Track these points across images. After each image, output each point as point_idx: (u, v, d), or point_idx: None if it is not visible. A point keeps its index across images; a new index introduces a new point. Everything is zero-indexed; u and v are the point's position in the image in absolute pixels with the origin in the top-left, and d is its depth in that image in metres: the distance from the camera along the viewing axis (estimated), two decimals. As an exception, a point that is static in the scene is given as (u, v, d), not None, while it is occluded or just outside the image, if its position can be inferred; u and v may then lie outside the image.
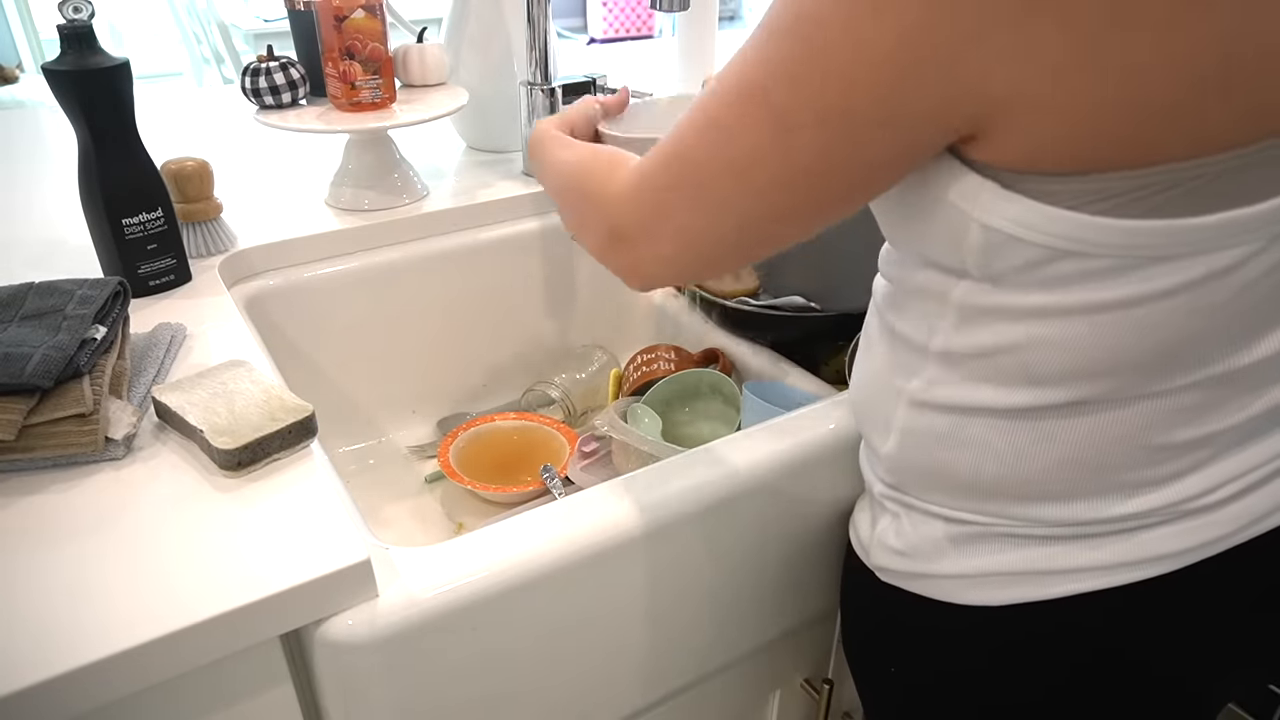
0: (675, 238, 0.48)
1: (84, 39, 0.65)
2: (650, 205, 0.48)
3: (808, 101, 0.40)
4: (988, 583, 0.51)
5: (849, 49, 0.38)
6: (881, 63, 0.37)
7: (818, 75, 0.39)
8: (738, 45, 0.44)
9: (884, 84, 0.38)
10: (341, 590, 0.48)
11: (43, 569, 0.47)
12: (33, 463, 0.54)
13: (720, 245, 0.47)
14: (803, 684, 0.81)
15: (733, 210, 0.45)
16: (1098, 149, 0.38)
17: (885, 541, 0.56)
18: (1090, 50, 0.35)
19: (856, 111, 0.39)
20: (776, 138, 0.41)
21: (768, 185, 0.43)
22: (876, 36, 0.37)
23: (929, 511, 0.53)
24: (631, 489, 0.59)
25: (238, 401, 0.58)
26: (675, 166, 0.47)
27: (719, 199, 0.45)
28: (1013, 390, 0.46)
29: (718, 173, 0.44)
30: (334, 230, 0.87)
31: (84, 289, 0.62)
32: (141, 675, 0.44)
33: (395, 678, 0.51)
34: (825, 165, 0.42)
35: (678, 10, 0.91)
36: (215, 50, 3.41)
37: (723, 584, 0.65)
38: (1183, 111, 0.36)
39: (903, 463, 0.53)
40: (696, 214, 0.46)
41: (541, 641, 0.57)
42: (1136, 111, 0.36)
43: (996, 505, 0.50)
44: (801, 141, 0.41)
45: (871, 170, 0.42)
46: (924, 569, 0.54)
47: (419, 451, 0.91)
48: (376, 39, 0.83)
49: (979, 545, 0.51)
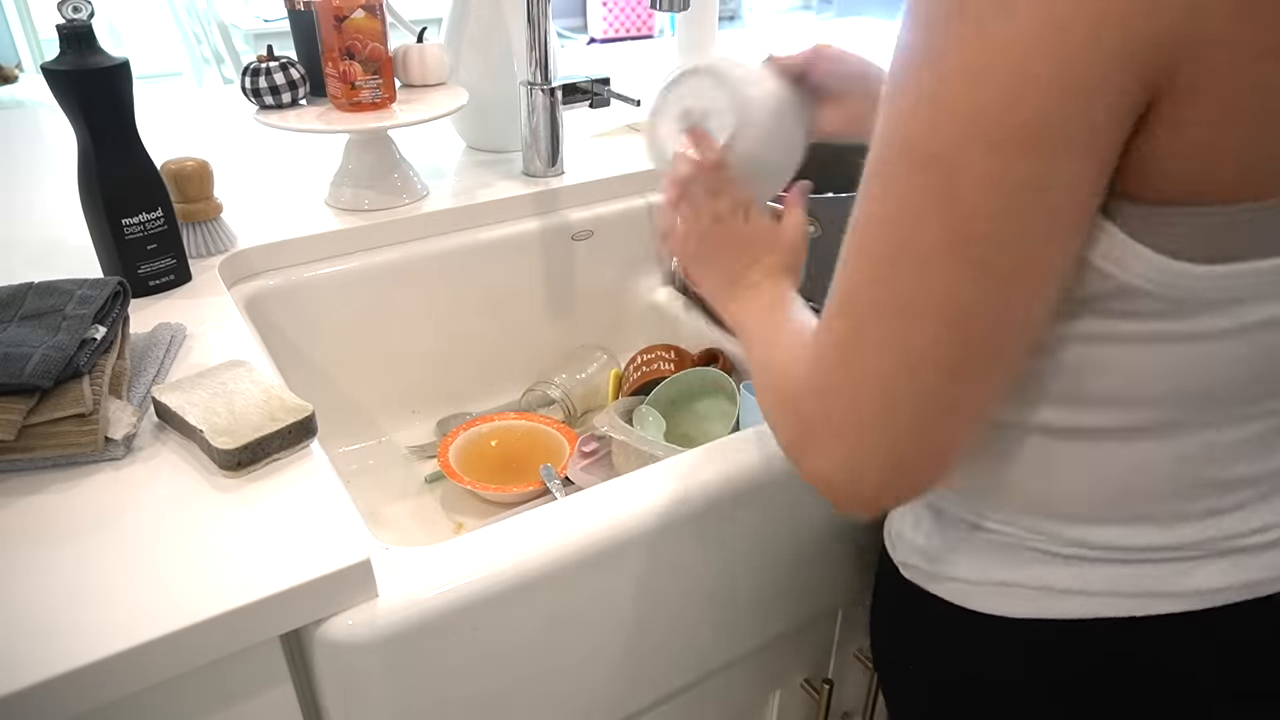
0: (866, 405, 0.39)
1: (84, 39, 0.65)
2: (832, 373, 0.40)
3: (956, 129, 0.34)
4: (1007, 593, 0.50)
5: (983, 56, 0.33)
6: (1027, 62, 0.33)
7: (958, 98, 0.34)
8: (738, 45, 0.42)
9: (1038, 86, 0.33)
10: (341, 590, 0.48)
11: (43, 569, 0.47)
12: (33, 463, 0.54)
13: (927, 392, 0.38)
14: (803, 684, 0.81)
15: (923, 320, 0.37)
16: (1234, 173, 0.35)
17: (910, 538, 0.55)
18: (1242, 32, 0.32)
19: (1020, 128, 0.34)
20: (940, 189, 0.35)
21: (950, 263, 0.36)
22: (1009, 37, 0.33)
23: (957, 516, 0.52)
24: (631, 489, 0.59)
25: (238, 401, 0.58)
26: (843, 310, 0.40)
27: (901, 312, 0.37)
28: (1061, 410, 0.45)
29: (890, 276, 0.37)
30: (334, 230, 0.87)
31: (84, 289, 0.62)
32: (141, 675, 0.44)
33: (395, 678, 0.51)
34: (1000, 203, 0.35)
35: (678, 10, 0.91)
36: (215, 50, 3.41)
37: (722, 584, 0.65)
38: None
39: None
40: (881, 350, 0.38)
41: (541, 641, 0.57)
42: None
43: (1029, 520, 0.48)
44: (965, 182, 0.35)
45: (1061, 202, 0.36)
46: (943, 571, 0.53)
47: (419, 451, 0.91)
48: (376, 39, 0.83)
49: (1002, 555, 0.50)
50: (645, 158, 0.59)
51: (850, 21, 1.98)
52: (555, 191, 0.97)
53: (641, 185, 1.02)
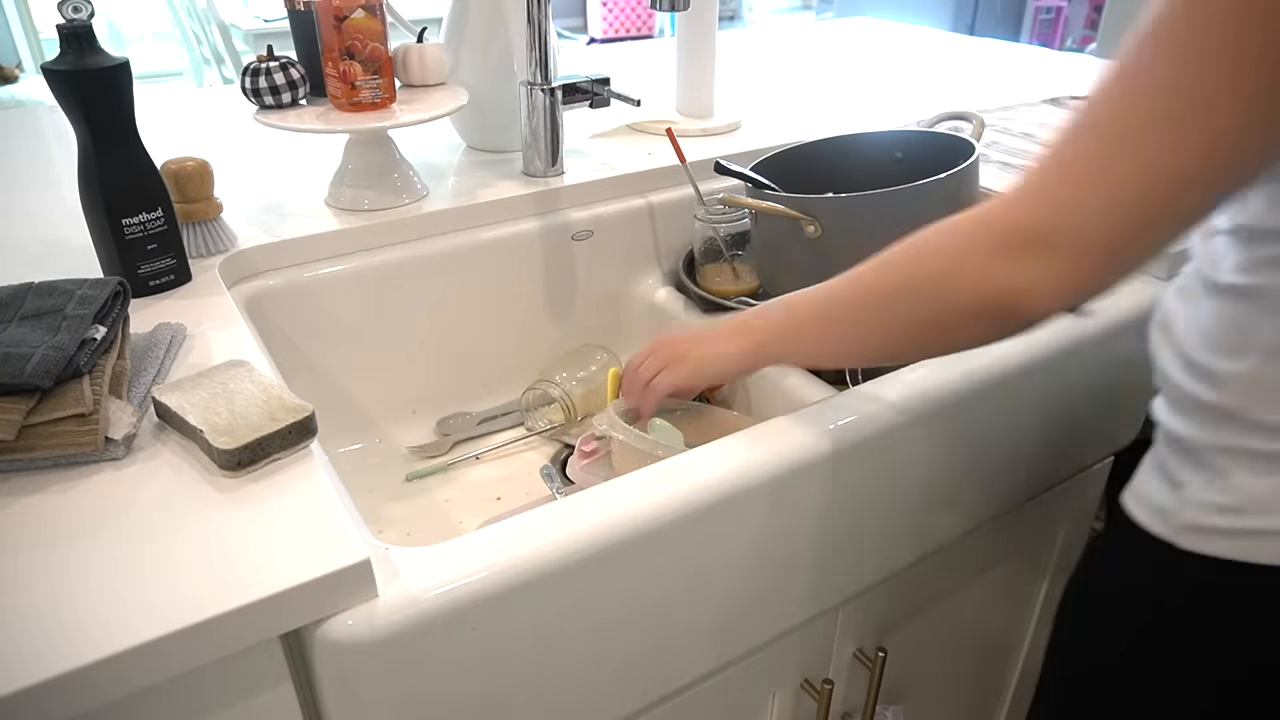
0: (1114, 204, 0.38)
1: (84, 39, 0.65)
2: (1068, 180, 0.39)
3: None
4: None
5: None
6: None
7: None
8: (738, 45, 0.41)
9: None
10: (341, 590, 0.48)
11: (43, 569, 0.47)
12: (33, 463, 0.54)
13: (1173, 193, 0.38)
14: (803, 684, 0.81)
15: (1184, 126, 0.37)
16: None
17: (1205, 499, 0.48)
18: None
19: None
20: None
21: (1244, 71, 0.35)
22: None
23: (1272, 455, 0.45)
24: (631, 489, 0.59)
25: (238, 401, 0.58)
26: (1098, 109, 0.39)
27: (1169, 115, 0.37)
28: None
29: (1175, 74, 0.36)
30: (334, 230, 0.87)
31: (84, 289, 0.62)
32: (141, 675, 0.44)
33: (395, 678, 0.51)
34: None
35: (678, 10, 0.91)
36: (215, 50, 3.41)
37: (722, 584, 0.65)
38: None
39: (1264, 381, 0.46)
40: (1143, 156, 0.38)
41: (541, 641, 0.57)
42: None
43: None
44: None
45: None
46: (1265, 524, 0.46)
47: (419, 451, 0.91)
48: (376, 39, 0.83)
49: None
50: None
51: (850, 21, 1.98)
52: (555, 191, 0.97)
53: (641, 185, 1.02)
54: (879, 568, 0.77)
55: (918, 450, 0.71)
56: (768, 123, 1.21)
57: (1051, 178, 0.40)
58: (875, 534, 0.73)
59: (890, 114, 1.24)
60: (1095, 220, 0.39)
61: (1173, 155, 0.37)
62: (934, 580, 0.85)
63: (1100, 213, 0.39)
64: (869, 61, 1.62)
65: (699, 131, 1.15)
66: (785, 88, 1.41)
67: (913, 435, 0.69)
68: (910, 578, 0.82)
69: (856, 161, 0.94)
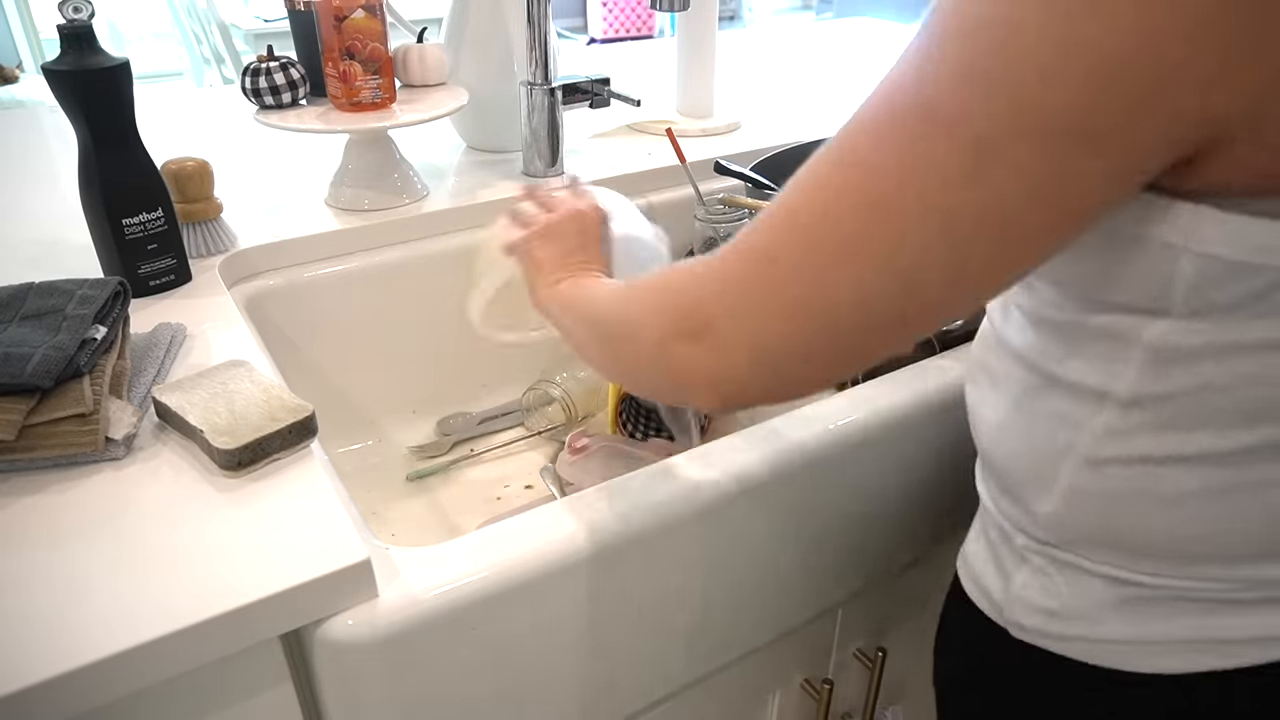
0: (783, 321, 0.37)
1: (84, 39, 0.65)
2: (751, 277, 0.38)
3: (996, 117, 0.32)
4: (1161, 650, 0.45)
5: (1057, 54, 0.31)
6: (1100, 68, 0.31)
7: (1011, 84, 0.32)
8: (738, 45, 0.41)
9: (1101, 94, 0.31)
10: (341, 590, 0.48)
11: (43, 569, 0.47)
12: (33, 463, 0.54)
13: (839, 326, 0.37)
14: (803, 684, 0.81)
15: (877, 269, 0.35)
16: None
17: (1030, 600, 0.49)
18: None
19: (1061, 128, 0.32)
20: (952, 166, 0.33)
21: (924, 231, 0.34)
22: (1100, 37, 0.31)
23: (1091, 571, 0.47)
24: (631, 489, 0.59)
25: (238, 401, 0.58)
26: (787, 224, 0.37)
27: (855, 255, 0.35)
28: (1218, 433, 0.40)
29: (860, 217, 0.35)
30: (334, 230, 0.87)
31: (84, 289, 0.62)
32: (141, 675, 0.44)
33: (395, 678, 0.51)
34: (1019, 202, 0.33)
35: (678, 10, 0.91)
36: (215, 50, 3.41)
37: (722, 583, 0.65)
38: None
39: (1068, 523, 0.47)
40: (817, 284, 0.36)
41: (541, 641, 0.57)
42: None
43: (1187, 567, 0.44)
44: (994, 168, 0.33)
45: (1074, 210, 0.34)
46: (1081, 632, 0.47)
47: (419, 451, 0.91)
48: (376, 39, 0.83)
49: (1155, 607, 0.45)
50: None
51: (850, 22, 1.98)
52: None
53: (642, 185, 1.02)
54: (879, 567, 0.77)
55: (918, 450, 0.71)
56: (768, 123, 1.21)
57: (739, 257, 0.39)
58: (875, 533, 0.73)
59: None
60: (756, 328, 0.38)
61: (866, 280, 0.36)
62: (934, 579, 0.85)
63: (764, 320, 0.38)
64: (869, 61, 1.62)
65: (699, 131, 1.15)
66: (785, 88, 1.41)
67: (914, 434, 0.69)
68: (910, 577, 0.82)
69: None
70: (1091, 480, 0.45)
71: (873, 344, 0.38)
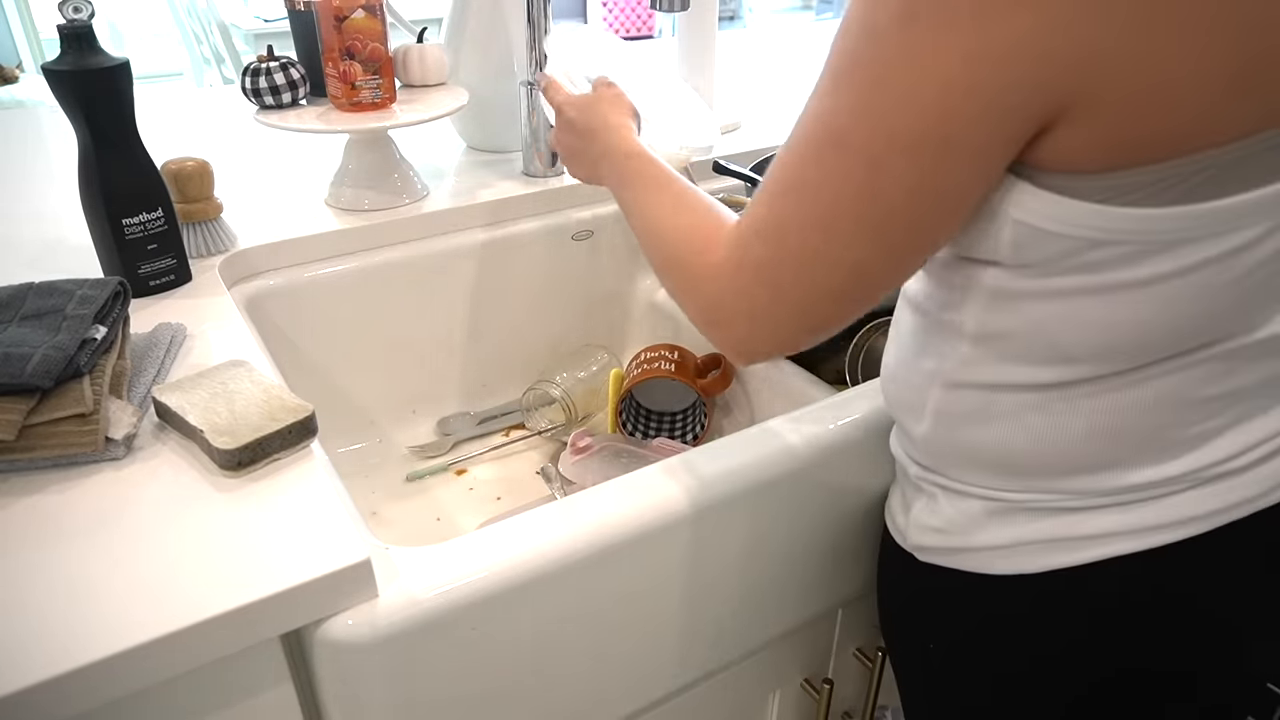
0: (774, 310, 0.48)
1: (84, 39, 0.65)
2: (746, 284, 0.49)
3: (886, 136, 0.41)
4: (1020, 551, 0.54)
5: (914, 77, 0.40)
6: (950, 86, 0.39)
7: (890, 108, 0.41)
8: (738, 45, 0.44)
9: (948, 110, 0.40)
10: (341, 590, 0.48)
11: (43, 569, 0.47)
12: (33, 463, 0.54)
13: (819, 309, 0.48)
14: (803, 684, 0.81)
15: (828, 269, 0.46)
16: (1133, 145, 0.40)
17: (922, 521, 0.59)
18: (1137, 46, 0.37)
19: (935, 137, 0.40)
20: (862, 181, 0.43)
21: (858, 233, 0.44)
22: (938, 62, 0.39)
23: (965, 491, 0.56)
24: (630, 489, 0.59)
25: (238, 401, 0.58)
26: (772, 239, 0.47)
27: (812, 261, 0.46)
28: (1042, 367, 0.49)
29: (808, 234, 0.45)
30: (334, 230, 0.87)
31: (84, 289, 0.62)
32: (142, 675, 0.44)
33: (395, 678, 0.51)
34: (914, 199, 0.43)
35: (678, 10, 0.91)
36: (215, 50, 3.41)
37: (722, 584, 0.65)
38: (1213, 108, 0.39)
39: (937, 444, 0.56)
40: (794, 285, 0.47)
41: (541, 642, 0.57)
42: (1173, 108, 0.38)
43: (1029, 480, 0.53)
44: (886, 179, 0.42)
45: (958, 194, 0.43)
46: (961, 543, 0.56)
47: (419, 451, 0.91)
48: (376, 39, 0.83)
49: (1014, 517, 0.54)
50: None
51: (850, 21, 1.98)
52: (555, 191, 0.97)
53: (641, 185, 1.02)
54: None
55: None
56: (768, 123, 1.21)
57: (745, 272, 0.49)
58: (876, 533, 0.73)
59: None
60: (770, 323, 0.49)
61: (827, 279, 0.46)
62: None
63: (773, 318, 0.49)
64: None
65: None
66: (785, 88, 1.41)
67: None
68: (910, 578, 0.82)
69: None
70: (950, 402, 0.54)
71: (848, 311, 0.49)
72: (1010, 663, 0.57)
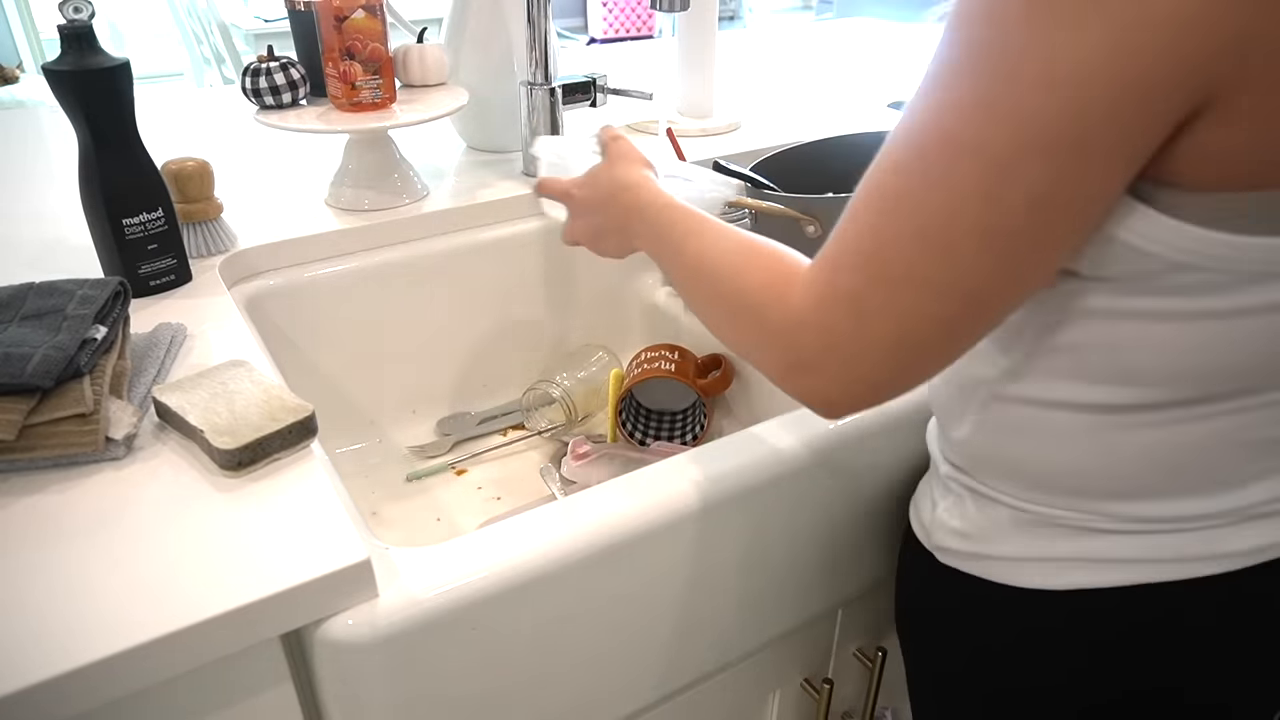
0: (870, 349, 0.42)
1: (84, 39, 0.65)
2: (836, 320, 0.42)
3: (1012, 134, 0.36)
4: (1047, 566, 0.52)
5: (1049, 62, 0.35)
6: (1092, 72, 0.34)
7: (1018, 102, 0.36)
8: (738, 45, 0.43)
9: (1085, 102, 0.35)
10: (341, 590, 0.48)
11: (43, 569, 0.47)
12: (33, 463, 0.54)
13: (925, 344, 0.42)
14: (803, 684, 0.81)
15: (936, 295, 0.40)
16: (1260, 162, 0.37)
17: (947, 522, 0.57)
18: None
19: (1072, 135, 0.36)
20: (983, 189, 0.37)
21: (977, 252, 0.38)
22: (1079, 42, 0.34)
23: (995, 498, 0.54)
24: (630, 490, 0.59)
25: (238, 401, 0.58)
26: (862, 267, 0.41)
27: (919, 286, 0.40)
28: (1099, 387, 0.46)
29: (913, 254, 0.39)
30: (334, 230, 0.87)
31: (84, 289, 0.62)
32: (142, 675, 0.44)
33: (395, 678, 0.51)
34: (1042, 210, 0.37)
35: (678, 10, 0.91)
36: (215, 50, 3.41)
37: (722, 584, 0.65)
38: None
39: (976, 450, 0.54)
40: (894, 316, 0.41)
41: (541, 642, 0.57)
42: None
43: (1066, 499, 0.51)
44: (1014, 185, 0.37)
45: (1089, 204, 0.38)
46: (983, 550, 0.55)
47: (419, 451, 0.91)
48: (376, 39, 0.83)
49: (1041, 530, 0.52)
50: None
51: (850, 22, 1.98)
52: (555, 191, 0.97)
53: (641, 185, 1.02)
54: (881, 566, 0.77)
55: (919, 447, 0.71)
56: (768, 123, 1.21)
57: (828, 305, 0.43)
58: (876, 533, 0.73)
59: (890, 114, 1.24)
60: (859, 363, 0.43)
61: (936, 306, 0.40)
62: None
63: (863, 356, 0.42)
64: (869, 61, 1.62)
65: (699, 131, 1.15)
66: (785, 88, 1.41)
67: (915, 432, 0.69)
68: (910, 578, 0.82)
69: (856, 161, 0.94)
70: (997, 412, 0.52)
71: (956, 345, 0.43)
72: (1027, 678, 0.56)
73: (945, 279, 0.39)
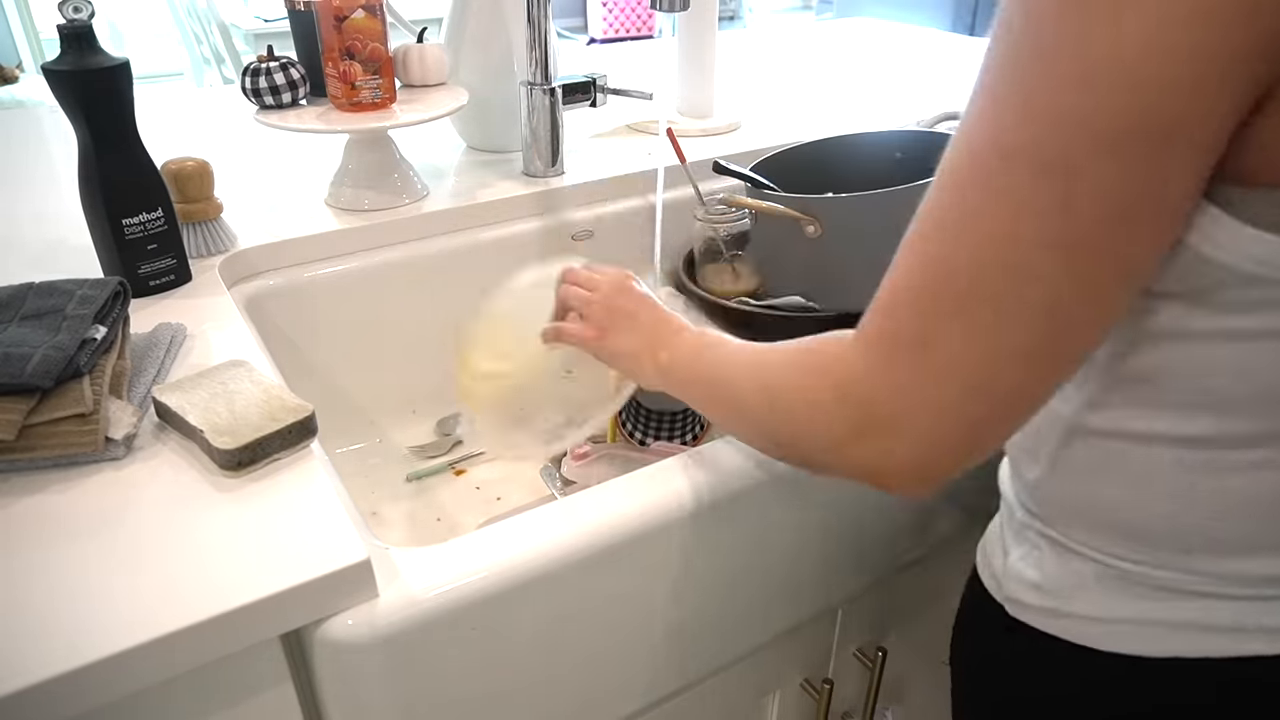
0: (944, 396, 0.38)
1: (84, 39, 0.65)
2: (914, 373, 0.38)
3: (1065, 142, 0.33)
4: (1139, 632, 0.47)
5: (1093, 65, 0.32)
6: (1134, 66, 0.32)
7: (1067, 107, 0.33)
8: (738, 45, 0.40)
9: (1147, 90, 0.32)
10: (341, 590, 0.48)
11: (43, 569, 0.47)
12: (33, 463, 0.54)
13: (1005, 378, 0.37)
14: (803, 684, 0.81)
15: (1012, 321, 0.36)
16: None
17: (1021, 574, 0.52)
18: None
19: (1126, 132, 0.33)
20: (1050, 195, 0.34)
21: (1052, 266, 0.35)
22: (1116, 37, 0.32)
23: (1075, 550, 0.49)
24: (630, 490, 0.59)
25: (238, 401, 0.58)
26: (925, 304, 0.37)
27: (992, 315, 0.36)
28: (1191, 417, 0.41)
29: (983, 275, 0.36)
30: (334, 230, 0.87)
31: (84, 289, 0.62)
32: (142, 675, 0.44)
33: (395, 678, 0.51)
34: (1110, 216, 0.34)
35: (678, 10, 0.91)
36: (215, 50, 3.41)
37: (722, 584, 0.65)
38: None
39: (1053, 492, 0.49)
40: (968, 349, 0.37)
41: (541, 642, 0.57)
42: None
43: (1153, 551, 0.45)
44: (1077, 192, 0.34)
45: (1163, 207, 0.35)
46: (1064, 607, 0.49)
47: (419, 451, 0.91)
48: (376, 39, 0.83)
49: (1131, 589, 0.47)
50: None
51: (850, 22, 1.98)
52: (555, 191, 0.97)
53: (641, 186, 1.02)
54: (881, 567, 0.77)
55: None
56: (768, 123, 1.21)
57: (899, 356, 0.39)
58: (876, 533, 0.74)
59: (890, 114, 1.24)
60: (940, 418, 0.39)
61: (1013, 335, 0.36)
62: (934, 579, 0.85)
63: (945, 410, 0.39)
64: (869, 61, 1.62)
65: (699, 131, 1.15)
66: (785, 88, 1.41)
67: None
68: (910, 577, 0.82)
69: (856, 161, 0.94)
70: (1072, 450, 0.47)
71: (1042, 379, 0.39)
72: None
73: (1016, 300, 0.36)
